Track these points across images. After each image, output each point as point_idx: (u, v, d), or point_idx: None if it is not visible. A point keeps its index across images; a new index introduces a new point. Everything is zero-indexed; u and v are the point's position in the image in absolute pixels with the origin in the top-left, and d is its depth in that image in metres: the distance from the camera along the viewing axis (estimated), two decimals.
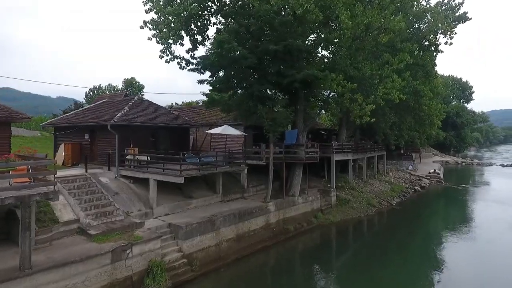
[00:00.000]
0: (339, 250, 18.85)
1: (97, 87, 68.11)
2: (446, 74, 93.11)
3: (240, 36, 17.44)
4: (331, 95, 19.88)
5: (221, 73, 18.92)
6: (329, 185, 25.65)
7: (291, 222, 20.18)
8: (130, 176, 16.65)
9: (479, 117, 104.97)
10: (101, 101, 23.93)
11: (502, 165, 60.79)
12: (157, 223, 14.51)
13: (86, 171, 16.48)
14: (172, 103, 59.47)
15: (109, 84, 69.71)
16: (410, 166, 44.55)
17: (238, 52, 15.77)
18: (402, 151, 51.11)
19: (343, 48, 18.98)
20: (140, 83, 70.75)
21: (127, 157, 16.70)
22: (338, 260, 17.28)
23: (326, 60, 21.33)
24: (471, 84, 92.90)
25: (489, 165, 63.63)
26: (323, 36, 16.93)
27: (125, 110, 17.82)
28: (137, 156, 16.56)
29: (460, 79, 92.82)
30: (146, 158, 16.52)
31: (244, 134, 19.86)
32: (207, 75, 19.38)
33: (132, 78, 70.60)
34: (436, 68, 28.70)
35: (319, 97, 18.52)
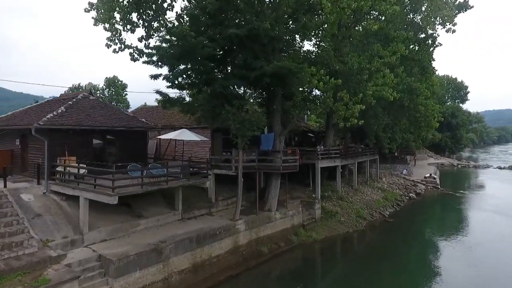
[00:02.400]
0: (322, 275, 15.86)
1: (77, 86, 64.54)
2: (441, 73, 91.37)
3: (200, 21, 14.41)
4: (312, 93, 16.90)
5: (182, 67, 15.84)
6: (313, 195, 22.68)
7: (266, 243, 17.14)
8: (62, 193, 13.46)
9: (474, 118, 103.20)
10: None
11: (499, 168, 58.55)
12: (85, 255, 11.38)
13: (5, 186, 13.26)
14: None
15: (89, 83, 66.17)
16: (405, 170, 41.83)
17: (194, 40, 12.72)
18: (396, 154, 48.48)
19: (326, 37, 16.01)
20: (123, 82, 67.23)
21: (57, 168, 13.51)
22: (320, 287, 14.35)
23: (308, 52, 18.37)
24: (466, 84, 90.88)
25: (485, 167, 61.36)
26: (301, 22, 13.98)
27: (60, 111, 14.63)
28: (68, 168, 13.37)
29: (455, 79, 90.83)
30: (81, 170, 13.32)
31: (206, 139, 16.79)
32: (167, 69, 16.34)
33: (115, 76, 67.12)
34: (434, 64, 25.92)
35: (298, 95, 15.60)
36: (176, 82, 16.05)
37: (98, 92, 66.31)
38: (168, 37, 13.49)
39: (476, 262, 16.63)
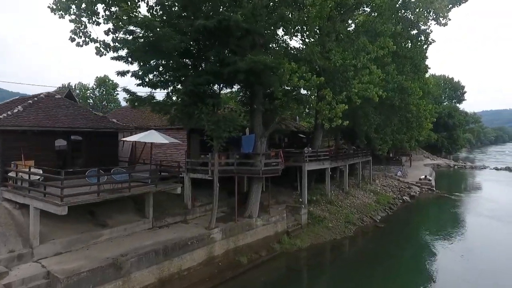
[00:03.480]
0: (304, 287, 14.74)
1: (66, 85, 63.13)
2: (438, 73, 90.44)
3: (172, 11, 13.23)
4: (295, 91, 15.69)
5: (153, 63, 14.64)
6: (300, 200, 21.52)
7: (245, 252, 15.95)
8: (15, 201, 12.23)
9: (471, 118, 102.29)
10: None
11: (496, 168, 57.66)
12: (32, 271, 10.16)
13: None
14: None
15: (79, 83, 64.82)
16: (399, 172, 40.75)
17: (160, 31, 11.53)
18: (391, 155, 47.38)
19: (311, 32, 14.84)
20: (114, 81, 65.82)
21: (9, 174, 12.29)
22: None
23: (293, 49, 17.21)
24: (463, 84, 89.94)
25: (482, 168, 60.45)
26: (280, 14, 12.77)
27: (16, 111, 13.40)
28: (20, 173, 12.14)
29: (452, 78, 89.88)
30: (36, 176, 12.09)
31: (176, 141, 15.59)
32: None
33: (105, 76, 65.72)
34: (428, 63, 24.77)
35: (277, 94, 14.45)
36: (147, 79, 14.86)
37: (89, 91, 65.08)
38: (132, 28, 12.26)
39: (469, 270, 15.57)
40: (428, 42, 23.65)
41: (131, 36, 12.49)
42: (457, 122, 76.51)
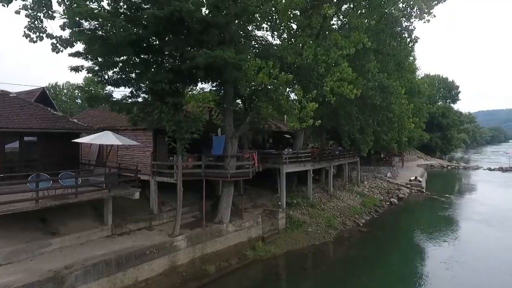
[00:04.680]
0: None
1: (53, 85, 61.97)
2: (436, 74, 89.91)
3: (130, 2, 12.30)
4: (263, 90, 14.77)
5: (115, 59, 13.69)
6: (279, 203, 20.64)
7: (213, 260, 15.04)
8: None
9: (466, 118, 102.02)
10: None
11: (489, 169, 56.94)
12: None
13: None
14: None
15: (66, 82, 63.61)
16: (389, 173, 39.94)
17: (108, 23, 10.62)
18: (382, 156, 46.58)
19: (282, 26, 13.97)
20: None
21: None
22: None
23: (266, 45, 16.33)
24: (457, 83, 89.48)
25: (475, 168, 59.73)
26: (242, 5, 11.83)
27: None
28: None
29: (446, 78, 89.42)
30: None
31: (134, 142, 14.70)
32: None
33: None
34: (422, 63, 23.91)
35: (243, 92, 13.57)
36: (107, 76, 13.93)
37: (77, 91, 63.90)
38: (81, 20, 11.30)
39: (450, 279, 14.72)
40: (413, 40, 22.89)
41: (77, 29, 11.54)
42: (451, 122, 75.96)
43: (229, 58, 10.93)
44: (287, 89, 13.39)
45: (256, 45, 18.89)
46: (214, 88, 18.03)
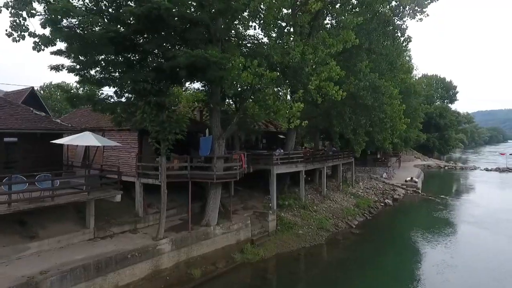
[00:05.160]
0: None
1: (48, 84, 61.55)
2: (436, 74, 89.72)
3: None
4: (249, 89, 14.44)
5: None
6: (270, 205, 20.33)
7: (199, 264, 14.72)
8: None
9: (464, 118, 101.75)
10: None
11: (486, 169, 56.75)
12: None
13: None
14: None
15: (62, 81, 63.16)
16: (385, 173, 39.66)
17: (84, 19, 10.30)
18: (378, 156, 46.29)
19: (269, 25, 13.65)
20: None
21: None
22: None
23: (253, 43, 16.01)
24: (455, 84, 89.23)
25: (473, 169, 59.52)
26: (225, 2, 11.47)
27: None
28: None
29: (444, 78, 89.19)
30: None
31: (116, 144, 14.39)
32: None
33: None
34: (415, 63, 23.59)
35: (228, 91, 13.27)
36: (89, 76, 13.60)
37: (73, 90, 63.39)
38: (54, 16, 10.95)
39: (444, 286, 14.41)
40: (407, 39, 22.62)
41: (55, 26, 11.21)
42: (448, 123, 75.70)
43: (210, 57, 10.61)
44: (276, 89, 13.00)
45: (248, 45, 18.62)
46: (202, 88, 17.69)
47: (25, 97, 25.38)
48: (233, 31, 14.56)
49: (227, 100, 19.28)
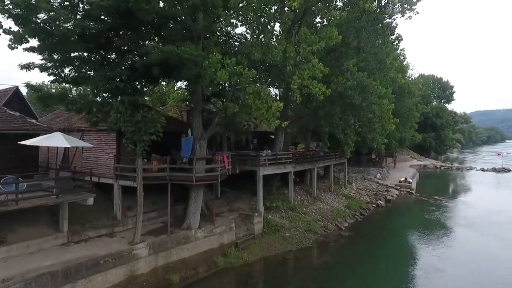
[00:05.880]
0: None
1: (40, 83, 60.98)
2: (426, 73, 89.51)
3: None
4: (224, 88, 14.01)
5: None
6: (257, 207, 19.86)
7: (179, 269, 14.24)
8: None
9: (461, 118, 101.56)
10: None
11: (482, 170, 56.44)
12: None
13: None
14: None
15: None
16: (378, 174, 39.26)
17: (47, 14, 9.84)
18: (373, 156, 45.87)
19: (251, 21, 13.19)
20: None
21: None
22: None
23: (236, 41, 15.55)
24: (452, 83, 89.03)
25: (469, 169, 59.16)
26: None
27: None
28: None
29: (441, 78, 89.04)
30: None
31: (87, 144, 13.93)
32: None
33: None
34: (412, 63, 23.12)
35: (207, 91, 12.83)
36: (63, 74, 13.10)
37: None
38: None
39: None
40: (398, 38, 22.21)
41: (22, 23, 10.73)
42: (445, 122, 75.39)
43: (183, 53, 10.15)
44: (256, 87, 12.51)
45: (234, 42, 18.17)
46: (185, 87, 17.23)
47: (8, 97, 24.91)
48: (214, 29, 14.08)
49: (212, 100, 18.78)
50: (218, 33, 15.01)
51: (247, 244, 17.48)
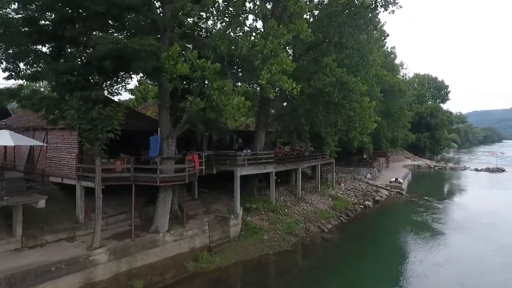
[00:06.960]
0: None
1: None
2: (422, 72, 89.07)
3: None
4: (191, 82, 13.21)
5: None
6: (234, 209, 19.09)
7: (144, 275, 13.47)
8: None
9: (456, 118, 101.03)
10: None
11: (476, 170, 55.80)
12: None
13: None
14: None
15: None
16: (369, 174, 38.56)
17: None
18: (364, 156, 45.16)
19: (219, 13, 12.45)
20: None
21: None
22: None
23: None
24: (447, 83, 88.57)
25: (463, 169, 58.51)
26: None
27: None
28: None
29: (436, 78, 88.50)
30: None
31: (39, 143, 13.16)
32: None
33: None
34: (406, 63, 22.38)
35: (168, 85, 12.09)
36: (17, 69, 12.34)
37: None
38: None
39: None
40: (384, 34, 21.54)
41: None
42: (439, 122, 74.80)
43: (132, 44, 9.40)
44: (221, 82, 11.75)
45: (202, 35, 17.29)
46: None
47: None
48: (181, 21, 13.32)
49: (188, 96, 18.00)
50: (185, 26, 14.21)
51: (222, 248, 16.71)
